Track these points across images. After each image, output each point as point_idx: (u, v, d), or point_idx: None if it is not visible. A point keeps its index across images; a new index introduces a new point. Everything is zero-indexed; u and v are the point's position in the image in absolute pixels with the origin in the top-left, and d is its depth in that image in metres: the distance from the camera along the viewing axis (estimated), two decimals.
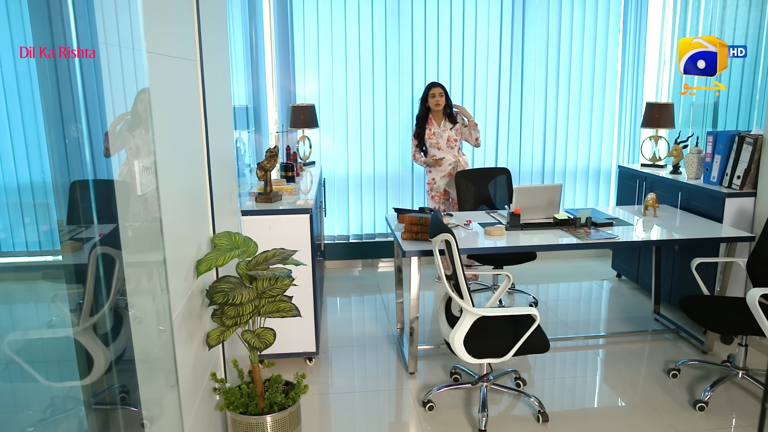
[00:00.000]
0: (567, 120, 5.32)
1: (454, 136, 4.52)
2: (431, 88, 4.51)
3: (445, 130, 4.52)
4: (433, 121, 4.52)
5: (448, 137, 4.52)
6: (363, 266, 5.40)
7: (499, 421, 2.95)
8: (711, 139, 3.83)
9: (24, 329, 1.34)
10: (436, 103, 4.47)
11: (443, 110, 4.51)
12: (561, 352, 3.68)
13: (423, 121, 4.57)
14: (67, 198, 1.35)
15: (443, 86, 4.53)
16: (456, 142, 4.55)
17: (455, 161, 4.58)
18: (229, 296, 2.13)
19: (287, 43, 4.93)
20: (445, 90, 4.51)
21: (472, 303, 2.66)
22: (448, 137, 4.52)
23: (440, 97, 4.46)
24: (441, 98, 4.46)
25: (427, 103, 4.52)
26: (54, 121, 1.31)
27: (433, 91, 4.48)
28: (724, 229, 3.48)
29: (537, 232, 3.44)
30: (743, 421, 2.91)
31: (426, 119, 4.56)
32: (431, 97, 4.48)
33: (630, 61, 5.26)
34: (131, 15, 1.59)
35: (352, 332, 4.00)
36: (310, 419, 2.96)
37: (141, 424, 1.65)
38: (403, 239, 3.29)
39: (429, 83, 4.59)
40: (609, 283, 4.91)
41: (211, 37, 2.44)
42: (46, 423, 1.36)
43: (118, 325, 1.56)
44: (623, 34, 5.23)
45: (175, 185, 1.93)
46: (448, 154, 4.54)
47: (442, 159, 4.52)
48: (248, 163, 3.78)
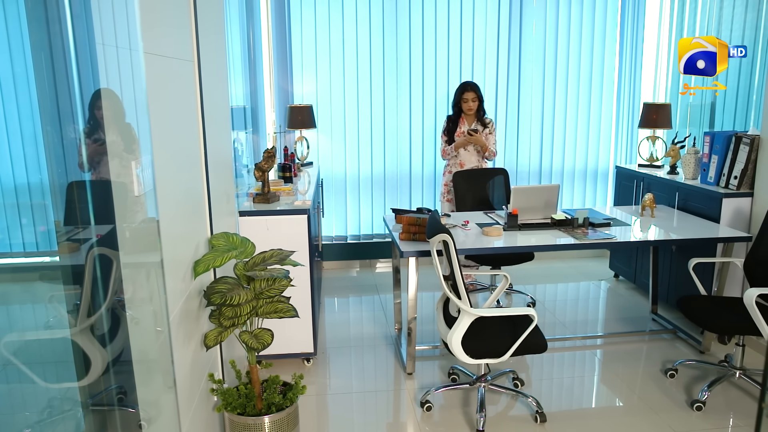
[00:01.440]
0: (564, 120, 5.33)
1: (482, 140, 4.46)
2: (464, 92, 4.32)
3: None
4: (465, 122, 4.42)
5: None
6: (361, 267, 5.40)
7: (497, 421, 2.95)
8: (708, 139, 3.84)
9: (21, 330, 1.34)
10: (468, 108, 4.33)
11: (475, 113, 4.39)
12: (559, 353, 3.68)
13: (455, 121, 4.42)
14: (64, 199, 1.34)
15: (477, 88, 4.35)
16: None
17: (477, 166, 4.45)
18: (227, 297, 2.13)
19: (285, 44, 4.93)
20: (479, 93, 4.34)
21: (470, 303, 2.66)
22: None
23: (473, 102, 4.31)
24: (473, 103, 4.31)
25: (459, 106, 4.38)
26: (51, 121, 1.31)
27: (465, 96, 4.31)
28: (721, 230, 3.49)
29: (535, 232, 3.45)
30: (740, 420, 2.92)
31: (458, 120, 4.41)
32: (464, 102, 4.32)
33: (627, 61, 5.27)
34: (128, 15, 1.59)
35: (350, 333, 4.00)
36: (308, 420, 2.96)
37: (138, 425, 1.64)
38: (400, 240, 3.30)
39: (462, 84, 4.40)
40: (606, 283, 4.92)
41: (208, 38, 2.44)
42: (44, 424, 1.36)
43: (116, 326, 1.55)
44: (620, 34, 5.24)
45: (172, 186, 1.93)
46: (474, 156, 4.44)
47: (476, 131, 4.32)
48: (246, 163, 3.78)
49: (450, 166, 4.50)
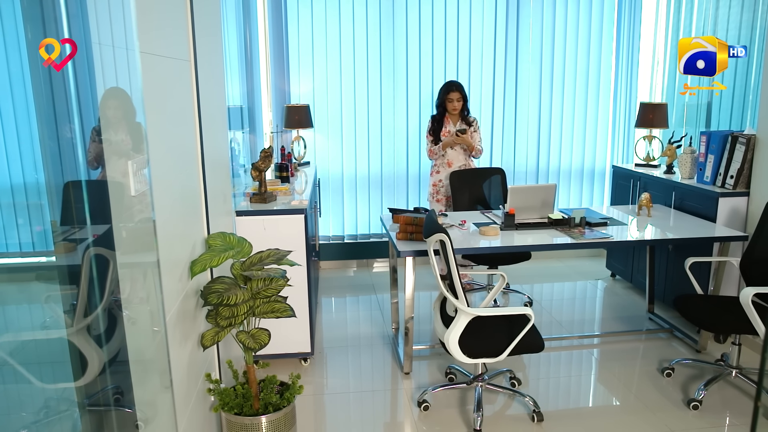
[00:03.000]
0: (561, 120, 5.34)
1: (468, 139, 4.45)
2: (449, 92, 4.33)
3: None
4: (450, 121, 4.44)
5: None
6: (358, 266, 5.40)
7: (494, 420, 2.96)
8: (704, 139, 3.85)
9: (17, 330, 1.33)
10: (453, 107, 4.34)
11: (459, 113, 4.40)
12: (555, 352, 3.69)
13: (440, 120, 4.43)
14: (61, 199, 1.34)
15: (461, 88, 4.36)
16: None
17: (464, 164, 4.47)
18: (224, 297, 2.13)
19: (282, 43, 4.93)
20: (463, 92, 4.36)
21: (467, 303, 2.67)
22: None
23: (458, 102, 4.32)
24: (458, 103, 4.33)
25: (444, 105, 4.39)
26: (47, 121, 1.30)
27: (450, 96, 4.32)
28: (718, 229, 3.50)
29: (531, 232, 3.45)
30: (737, 419, 2.92)
31: (443, 120, 4.43)
32: (449, 102, 4.34)
33: (624, 61, 5.28)
34: (124, 15, 1.58)
35: (347, 332, 4.00)
36: (305, 420, 2.96)
37: (135, 425, 1.64)
38: (397, 239, 3.30)
39: (447, 83, 4.41)
40: (603, 282, 4.93)
41: (205, 37, 2.43)
42: (40, 425, 1.36)
43: (112, 326, 1.55)
44: (617, 33, 5.25)
45: (169, 186, 1.92)
46: (461, 155, 4.44)
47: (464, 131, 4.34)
48: (243, 163, 3.77)
49: (437, 166, 4.50)
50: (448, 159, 4.44)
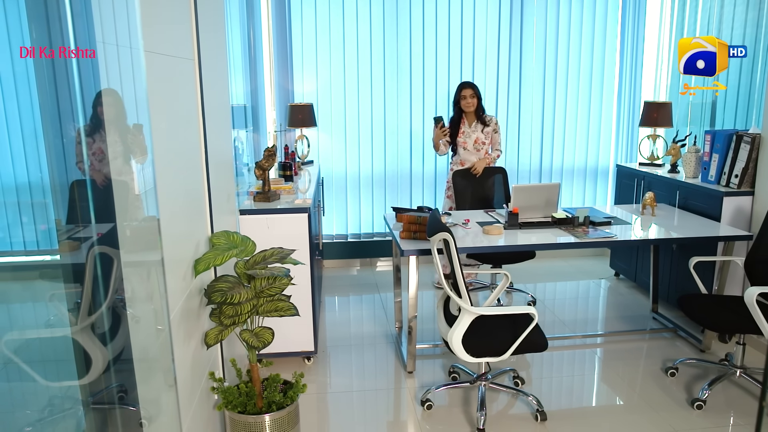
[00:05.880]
0: (565, 119, 5.32)
1: (482, 138, 4.37)
2: (462, 89, 4.33)
3: (475, 131, 4.37)
4: (465, 121, 4.41)
5: (476, 139, 4.37)
6: (361, 265, 5.40)
7: (498, 419, 2.95)
8: (709, 138, 3.84)
9: (22, 329, 1.34)
10: (467, 104, 4.32)
11: (475, 112, 4.38)
12: (559, 351, 3.68)
13: (457, 122, 4.41)
14: (67, 197, 1.34)
15: (474, 87, 4.36)
16: (483, 145, 4.38)
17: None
18: (228, 295, 2.13)
19: (285, 42, 4.93)
20: (476, 90, 4.35)
21: (471, 302, 2.66)
22: (476, 139, 4.37)
23: (471, 98, 4.30)
24: (472, 99, 4.31)
25: (459, 105, 4.37)
26: (52, 120, 1.31)
27: (464, 93, 4.31)
28: (722, 228, 3.49)
29: (535, 231, 3.45)
30: (741, 419, 2.92)
31: (459, 121, 4.41)
32: (462, 99, 4.32)
33: (628, 60, 5.26)
34: (129, 14, 1.59)
35: (350, 331, 4.00)
36: (309, 418, 2.97)
37: (139, 423, 1.64)
38: (401, 238, 3.29)
39: (460, 84, 4.41)
40: (607, 281, 4.92)
41: (209, 36, 2.43)
42: (44, 423, 1.36)
43: (116, 324, 1.55)
44: (621, 33, 5.24)
45: (173, 184, 1.93)
46: (474, 155, 4.42)
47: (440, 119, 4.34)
48: (246, 162, 3.78)
49: (453, 164, 4.51)
50: (461, 158, 4.44)
